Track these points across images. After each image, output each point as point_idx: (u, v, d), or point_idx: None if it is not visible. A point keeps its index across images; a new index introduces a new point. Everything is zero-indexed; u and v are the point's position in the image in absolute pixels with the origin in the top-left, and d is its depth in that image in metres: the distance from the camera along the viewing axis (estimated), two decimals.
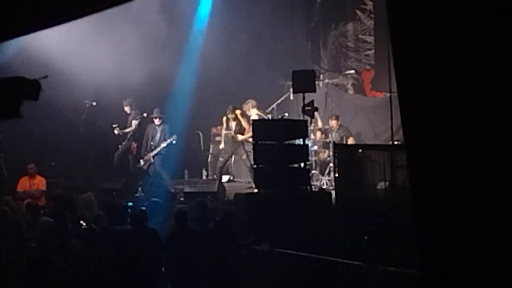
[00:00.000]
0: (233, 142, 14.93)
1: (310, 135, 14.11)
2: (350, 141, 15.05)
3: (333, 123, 15.42)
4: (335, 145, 13.11)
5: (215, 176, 15.76)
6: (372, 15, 17.02)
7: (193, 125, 16.61)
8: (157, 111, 15.15)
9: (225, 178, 15.37)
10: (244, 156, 14.68)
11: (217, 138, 16.41)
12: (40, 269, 8.41)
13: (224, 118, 15.18)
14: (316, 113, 13.11)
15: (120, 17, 14.01)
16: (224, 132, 15.25)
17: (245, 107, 15.04)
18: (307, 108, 12.26)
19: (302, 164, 11.95)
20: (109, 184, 14.34)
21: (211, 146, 16.76)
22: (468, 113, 3.32)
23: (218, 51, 16.38)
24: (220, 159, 15.15)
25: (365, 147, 12.91)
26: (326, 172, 14.70)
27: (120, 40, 15.29)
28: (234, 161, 16.22)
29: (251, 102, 15.10)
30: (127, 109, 15.37)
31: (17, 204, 12.05)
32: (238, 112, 14.78)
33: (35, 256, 8.60)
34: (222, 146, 15.42)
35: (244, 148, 14.70)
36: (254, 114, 14.89)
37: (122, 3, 4.70)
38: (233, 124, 14.87)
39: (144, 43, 15.62)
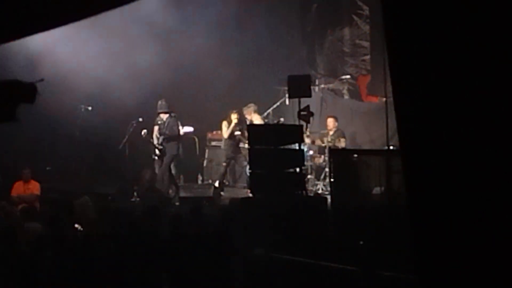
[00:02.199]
0: (234, 148, 14.97)
1: (305, 139, 14.12)
2: (342, 142, 14.98)
3: (331, 123, 15.37)
4: (330, 150, 13.13)
5: (210, 181, 15.76)
6: (368, 20, 17.03)
7: None
8: (163, 106, 15.11)
9: (217, 183, 15.29)
10: (245, 163, 14.58)
11: (213, 143, 16.40)
12: (34, 274, 8.37)
13: (224, 122, 15.15)
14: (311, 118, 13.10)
15: (118, 18, 14.02)
16: (226, 134, 15.14)
17: (246, 111, 15.02)
18: (302, 113, 12.25)
19: (297, 169, 11.94)
20: (104, 188, 14.32)
21: (207, 151, 16.75)
22: (463, 119, 3.32)
23: (213, 56, 16.38)
24: (223, 164, 15.15)
25: (361, 152, 12.92)
26: (322, 177, 14.70)
27: (118, 42, 15.30)
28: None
29: (253, 106, 15.07)
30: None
31: (12, 208, 12.02)
32: (238, 116, 14.87)
33: (29, 261, 8.56)
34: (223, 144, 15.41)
35: (245, 157, 14.66)
36: (255, 120, 14.87)
37: (122, 5, 4.69)
38: (236, 129, 14.90)
39: (141, 46, 15.64)
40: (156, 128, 15.09)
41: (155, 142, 15.02)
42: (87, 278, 8.58)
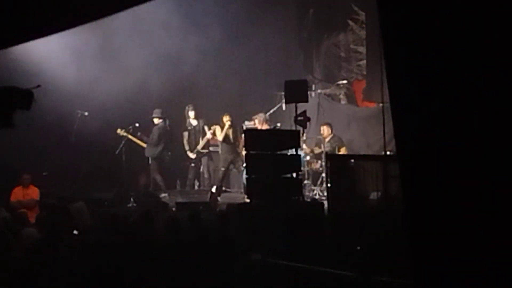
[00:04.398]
0: (232, 151, 14.96)
1: (302, 145, 14.10)
2: (343, 151, 15.01)
3: (326, 130, 15.39)
4: (327, 155, 13.12)
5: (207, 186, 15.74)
6: (364, 25, 17.06)
7: None
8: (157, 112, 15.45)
9: (214, 188, 15.28)
10: (243, 167, 14.56)
11: (210, 148, 16.37)
12: (28, 281, 8.35)
13: (217, 127, 15.14)
14: (308, 123, 13.09)
15: (117, 25, 14.02)
16: (221, 138, 15.13)
17: (256, 120, 14.99)
18: (299, 118, 12.25)
19: (294, 174, 11.93)
20: (101, 194, 14.29)
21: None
22: (460, 124, 3.32)
23: (210, 61, 16.38)
24: (222, 168, 15.15)
25: (358, 157, 12.90)
26: (319, 182, 14.69)
27: (115, 48, 15.29)
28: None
29: (264, 115, 15.02)
30: (191, 114, 15.70)
31: (11, 214, 12.04)
32: (230, 119, 14.90)
33: (23, 267, 8.53)
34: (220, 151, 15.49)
35: (242, 160, 14.65)
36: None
37: (122, 10, 4.70)
38: (230, 132, 14.89)
39: (138, 52, 15.63)
40: (186, 134, 15.63)
41: (187, 148, 15.47)
42: (82, 285, 8.56)
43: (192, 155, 15.65)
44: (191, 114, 15.63)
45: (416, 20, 3.45)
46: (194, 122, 15.58)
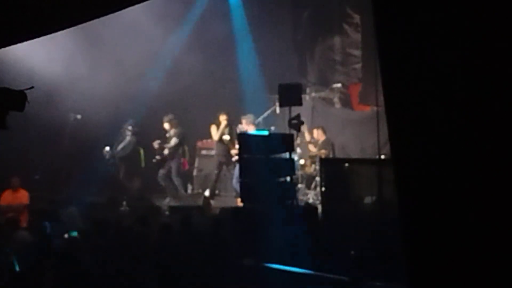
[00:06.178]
0: (226, 152, 14.93)
1: (296, 149, 14.07)
2: (323, 154, 14.90)
3: (316, 134, 15.38)
4: (321, 159, 13.10)
5: (200, 190, 15.70)
6: (359, 29, 17.04)
7: None
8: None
9: (208, 192, 15.23)
10: (236, 170, 14.54)
11: (203, 152, 16.35)
12: (22, 283, 8.32)
13: (213, 126, 15.11)
14: (302, 126, 13.07)
15: (110, 26, 13.99)
16: (216, 137, 15.10)
17: (244, 120, 14.98)
18: (293, 121, 12.24)
19: (288, 178, 11.91)
20: (93, 198, 14.24)
21: (197, 160, 16.66)
22: (455, 127, 3.30)
23: (203, 64, 16.35)
24: (215, 171, 15.12)
25: (352, 161, 12.90)
26: (313, 186, 14.66)
27: (109, 52, 15.26)
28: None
29: (252, 117, 15.00)
30: (166, 125, 15.49)
31: (2, 217, 12.02)
32: (227, 117, 14.88)
33: (16, 270, 8.51)
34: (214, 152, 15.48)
35: (234, 162, 14.63)
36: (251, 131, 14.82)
37: (113, 12, 4.66)
38: (226, 131, 14.87)
39: (130, 54, 15.61)
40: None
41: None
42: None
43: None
44: (166, 125, 15.55)
45: (411, 24, 3.43)
46: (171, 132, 15.53)
